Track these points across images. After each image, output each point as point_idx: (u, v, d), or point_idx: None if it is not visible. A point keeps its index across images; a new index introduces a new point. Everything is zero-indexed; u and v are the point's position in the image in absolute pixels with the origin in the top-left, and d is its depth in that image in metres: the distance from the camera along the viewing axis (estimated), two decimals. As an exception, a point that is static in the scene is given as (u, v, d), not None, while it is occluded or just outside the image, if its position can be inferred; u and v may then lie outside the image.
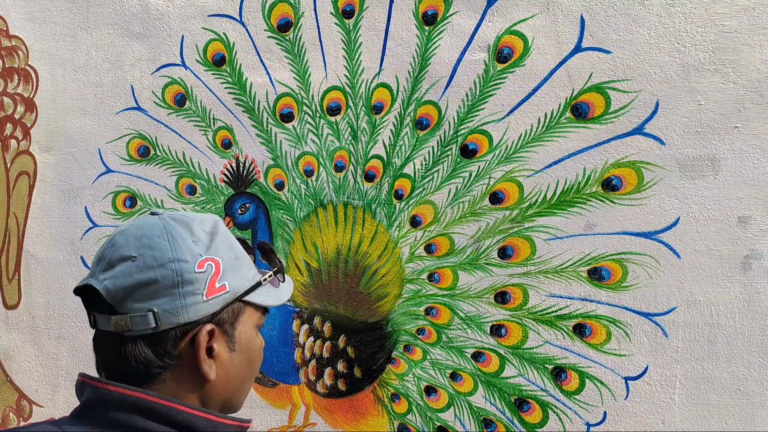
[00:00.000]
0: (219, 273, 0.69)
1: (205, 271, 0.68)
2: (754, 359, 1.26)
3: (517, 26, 1.37)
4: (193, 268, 0.67)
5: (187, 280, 0.67)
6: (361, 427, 1.57)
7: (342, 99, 1.52)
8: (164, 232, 0.69)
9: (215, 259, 0.69)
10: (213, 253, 0.70)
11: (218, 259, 0.70)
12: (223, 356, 0.72)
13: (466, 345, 1.46)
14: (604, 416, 1.36)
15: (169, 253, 0.67)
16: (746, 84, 1.23)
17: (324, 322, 1.58)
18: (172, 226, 0.69)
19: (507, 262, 1.41)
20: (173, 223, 0.70)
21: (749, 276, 1.25)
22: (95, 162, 1.76)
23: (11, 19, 1.84)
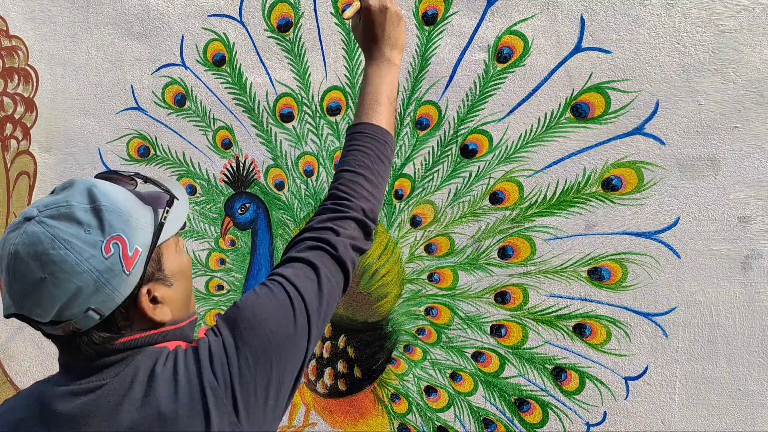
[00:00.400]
0: (125, 244, 0.71)
1: (112, 252, 0.70)
2: (754, 359, 1.26)
3: (517, 26, 1.37)
4: (102, 257, 0.69)
5: (103, 270, 0.69)
6: (361, 427, 1.57)
7: (342, 99, 1.52)
8: (53, 240, 0.68)
9: (114, 235, 0.70)
10: (108, 231, 0.70)
11: (116, 233, 0.71)
12: (166, 295, 0.77)
13: (466, 345, 1.46)
14: (604, 416, 1.36)
15: (73, 260, 0.68)
16: (746, 84, 1.23)
17: (324, 322, 1.58)
18: (56, 228, 0.69)
19: (507, 262, 1.41)
20: (55, 223, 0.69)
21: (749, 276, 1.25)
22: (95, 162, 1.76)
23: (11, 19, 1.84)
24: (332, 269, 0.85)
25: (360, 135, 0.97)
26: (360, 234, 0.91)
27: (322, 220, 0.90)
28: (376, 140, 0.97)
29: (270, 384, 0.76)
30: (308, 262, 0.84)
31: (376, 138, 0.97)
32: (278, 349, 0.77)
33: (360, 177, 0.94)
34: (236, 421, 0.72)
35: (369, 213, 0.93)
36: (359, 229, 0.91)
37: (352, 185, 0.93)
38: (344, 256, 0.86)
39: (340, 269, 0.86)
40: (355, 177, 0.94)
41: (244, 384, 0.74)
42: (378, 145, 0.97)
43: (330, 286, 0.84)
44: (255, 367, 0.75)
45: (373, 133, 0.97)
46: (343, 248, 0.86)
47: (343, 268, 0.87)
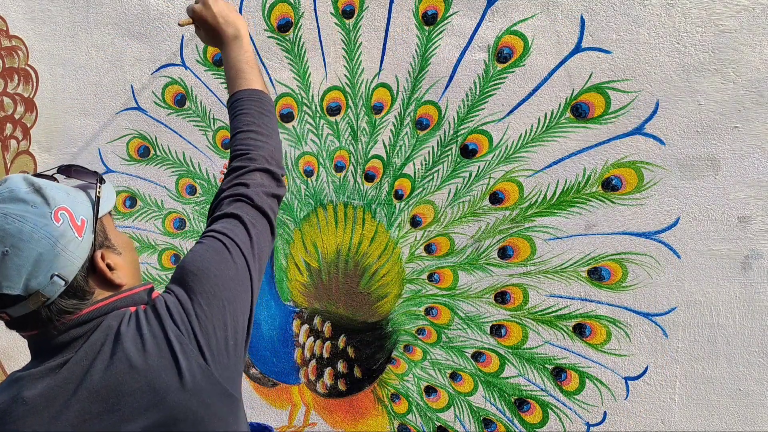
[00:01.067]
0: (71, 213, 0.78)
1: (62, 220, 0.77)
2: (754, 359, 1.26)
3: (517, 26, 1.37)
4: (54, 225, 0.76)
5: (58, 235, 0.75)
6: (361, 427, 1.57)
7: (342, 99, 1.52)
8: (5, 217, 0.75)
9: (60, 207, 0.77)
10: (53, 203, 0.77)
11: (60, 204, 0.78)
12: (118, 262, 0.85)
13: (466, 345, 1.46)
14: (604, 416, 1.36)
15: (28, 228, 0.74)
16: (746, 84, 1.23)
17: (324, 322, 1.58)
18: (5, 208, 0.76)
19: (507, 262, 1.41)
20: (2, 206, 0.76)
21: (749, 276, 1.25)
22: (95, 162, 1.76)
23: (11, 19, 1.84)
24: (254, 215, 0.93)
25: (237, 102, 1.07)
26: (269, 181, 0.99)
27: (230, 180, 0.98)
28: (251, 100, 1.07)
29: (227, 324, 0.82)
30: (230, 214, 0.92)
31: (251, 98, 1.07)
32: (226, 289, 0.83)
33: (250, 132, 1.03)
34: (204, 363, 0.78)
35: (270, 159, 1.01)
36: (266, 175, 0.99)
37: (245, 141, 1.02)
38: (260, 203, 0.94)
39: (261, 215, 0.94)
40: (245, 134, 1.03)
41: (203, 328, 0.80)
42: (255, 103, 1.06)
43: (256, 231, 0.92)
44: (210, 310, 0.81)
45: (247, 95, 1.07)
46: (257, 196, 0.95)
47: (264, 213, 0.94)
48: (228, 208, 0.93)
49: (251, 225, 0.91)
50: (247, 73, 1.10)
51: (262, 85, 1.11)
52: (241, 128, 1.04)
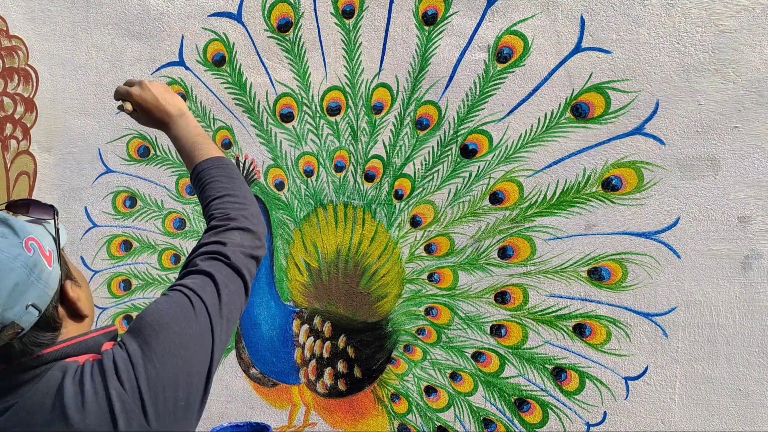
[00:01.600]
0: (40, 244, 0.78)
1: (33, 250, 0.77)
2: (754, 359, 1.26)
3: (517, 26, 1.37)
4: (26, 255, 0.75)
5: (31, 265, 0.75)
6: (361, 427, 1.57)
7: (342, 99, 1.52)
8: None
9: (29, 237, 0.77)
10: (22, 234, 0.77)
11: (30, 235, 0.78)
12: (80, 294, 0.84)
13: (466, 345, 1.46)
14: (604, 416, 1.36)
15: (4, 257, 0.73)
16: (746, 84, 1.23)
17: (324, 322, 1.58)
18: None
19: (507, 262, 1.41)
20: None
21: (749, 276, 1.25)
22: (95, 162, 1.76)
23: (11, 19, 1.84)
24: (228, 275, 0.89)
25: (201, 172, 1.06)
26: (250, 241, 0.97)
27: (209, 236, 0.95)
28: (215, 168, 1.06)
29: (178, 384, 0.78)
30: (203, 271, 0.88)
31: (216, 166, 1.06)
32: (183, 348, 0.80)
33: (226, 197, 1.01)
34: (145, 423, 0.75)
35: (249, 217, 0.99)
36: (245, 235, 0.97)
37: (221, 206, 1.00)
38: (237, 262, 0.91)
39: (236, 275, 0.91)
40: (220, 201, 1.01)
41: (151, 386, 0.76)
42: (220, 170, 1.05)
43: (228, 291, 0.88)
44: (162, 368, 0.77)
45: (210, 164, 1.06)
46: (234, 255, 0.92)
47: (239, 273, 0.91)
48: (202, 265, 0.90)
49: (223, 285, 0.88)
50: (203, 144, 1.09)
51: (216, 150, 1.10)
52: (214, 195, 1.02)
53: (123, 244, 1.76)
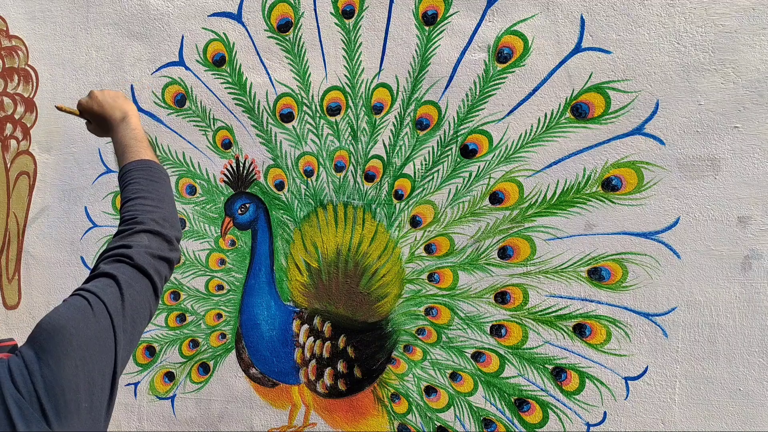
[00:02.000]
0: None
1: None
2: (754, 359, 1.26)
3: (517, 26, 1.37)
4: None
5: None
6: (361, 427, 1.57)
7: (342, 99, 1.52)
8: None
9: None
10: None
11: None
12: None
13: (466, 345, 1.46)
14: (604, 416, 1.36)
15: None
16: (746, 84, 1.23)
17: (324, 322, 1.58)
18: None
19: (507, 262, 1.41)
20: None
21: (749, 276, 1.25)
22: (95, 162, 1.76)
23: (11, 19, 1.84)
24: (132, 275, 0.87)
25: (124, 174, 1.05)
26: (158, 243, 0.94)
27: (113, 242, 0.93)
28: (139, 169, 1.04)
29: (79, 386, 0.77)
30: (105, 273, 0.87)
31: (139, 168, 1.04)
32: (81, 350, 0.78)
33: (138, 199, 0.99)
34: (46, 427, 0.73)
35: (160, 221, 0.96)
36: (155, 237, 0.94)
37: (132, 208, 0.98)
38: (142, 262, 0.89)
39: (141, 275, 0.89)
40: (132, 203, 0.99)
41: (49, 389, 0.74)
42: (144, 171, 1.04)
43: (133, 291, 0.86)
44: (58, 370, 0.75)
45: (135, 165, 1.05)
46: (139, 256, 0.89)
47: (145, 273, 0.89)
48: (104, 267, 0.88)
49: (126, 285, 0.86)
50: (135, 147, 1.09)
51: (151, 156, 1.09)
52: (129, 197, 1.00)
53: (123, 244, 1.75)
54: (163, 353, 1.73)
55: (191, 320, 1.70)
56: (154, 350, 1.74)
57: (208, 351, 1.69)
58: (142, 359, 1.75)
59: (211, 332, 1.68)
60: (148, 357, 1.75)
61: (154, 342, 1.74)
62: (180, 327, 1.71)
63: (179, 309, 1.71)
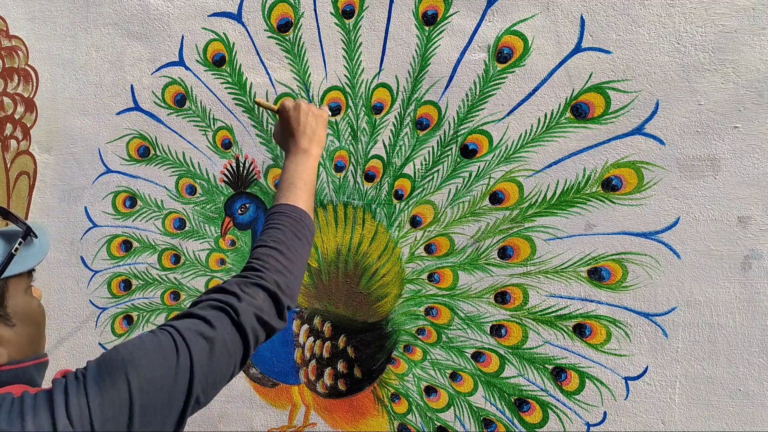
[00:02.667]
0: None
1: None
2: (754, 359, 1.26)
3: (517, 26, 1.37)
4: None
5: None
6: (361, 427, 1.57)
7: (342, 99, 1.52)
8: None
9: None
10: None
11: None
12: (5, 335, 0.72)
13: (466, 345, 1.46)
14: (604, 416, 1.36)
15: None
16: (746, 84, 1.23)
17: (324, 322, 1.58)
18: None
19: (507, 262, 1.41)
20: None
21: (749, 276, 1.25)
22: (95, 162, 1.76)
23: (11, 19, 1.84)
24: (230, 334, 0.79)
25: (275, 214, 0.98)
26: (270, 307, 0.86)
27: (230, 283, 0.86)
28: (290, 218, 0.97)
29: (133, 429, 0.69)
30: (205, 319, 0.79)
31: (291, 216, 0.98)
32: (149, 398, 0.69)
33: (274, 251, 0.92)
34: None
35: (283, 287, 0.89)
36: (270, 301, 0.87)
37: (265, 258, 0.90)
38: (245, 323, 0.81)
39: (239, 336, 0.81)
40: (269, 251, 0.91)
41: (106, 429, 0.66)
42: (293, 223, 0.97)
43: (224, 350, 0.78)
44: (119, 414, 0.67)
45: (289, 211, 0.98)
46: (246, 315, 0.81)
47: (243, 335, 0.81)
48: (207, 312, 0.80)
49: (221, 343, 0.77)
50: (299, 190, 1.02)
51: (310, 206, 1.02)
52: (266, 242, 0.93)
53: (123, 244, 1.76)
54: (163, 353, 1.73)
55: (191, 320, 1.70)
56: (154, 350, 1.74)
57: (208, 351, 1.68)
58: (142, 359, 1.75)
59: (211, 332, 1.68)
60: (148, 357, 1.75)
61: (154, 342, 1.73)
62: (180, 327, 1.71)
63: (179, 309, 1.71)
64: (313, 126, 1.10)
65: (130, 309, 1.76)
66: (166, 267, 1.72)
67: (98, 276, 1.78)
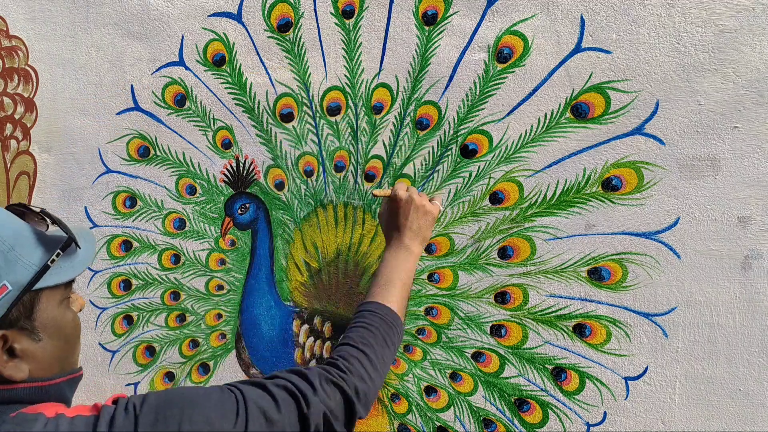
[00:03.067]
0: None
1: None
2: (754, 359, 1.26)
3: (517, 26, 1.37)
4: None
5: None
6: (361, 427, 1.57)
7: (342, 99, 1.52)
8: None
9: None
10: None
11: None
12: (29, 350, 0.68)
13: (466, 345, 1.46)
14: (604, 416, 1.36)
15: None
16: (746, 84, 1.23)
17: (324, 322, 1.58)
18: None
19: (507, 262, 1.41)
20: None
21: (749, 276, 1.25)
22: (95, 162, 1.76)
23: (11, 19, 1.84)
24: (292, 424, 0.77)
25: (369, 313, 0.95)
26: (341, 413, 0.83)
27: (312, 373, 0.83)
28: (384, 322, 0.95)
29: None
30: (275, 399, 0.76)
31: (385, 320, 0.95)
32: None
33: (362, 354, 0.89)
34: None
35: (361, 395, 0.86)
36: (343, 406, 0.83)
37: (351, 360, 0.88)
38: (311, 418, 0.78)
39: (299, 428, 0.78)
40: (356, 353, 0.89)
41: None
42: (386, 327, 0.94)
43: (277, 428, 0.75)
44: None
45: (383, 314, 0.96)
46: (315, 411, 0.78)
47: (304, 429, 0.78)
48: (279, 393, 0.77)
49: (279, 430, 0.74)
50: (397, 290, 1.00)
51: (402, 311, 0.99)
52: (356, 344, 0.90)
53: (123, 244, 1.76)
54: (163, 353, 1.73)
55: (191, 320, 1.70)
56: (154, 350, 1.74)
57: (208, 351, 1.69)
58: (142, 359, 1.75)
59: (211, 332, 1.68)
60: (148, 357, 1.75)
61: (154, 342, 1.74)
62: (180, 327, 1.71)
63: (179, 309, 1.71)
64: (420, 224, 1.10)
65: (130, 309, 1.76)
66: (166, 267, 1.72)
67: (98, 276, 1.78)
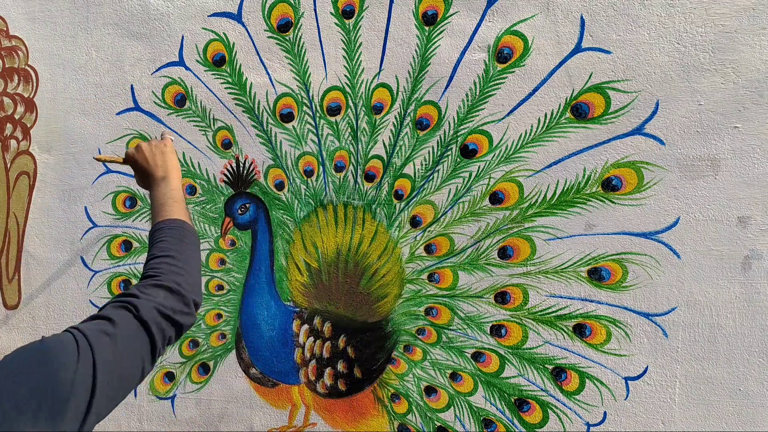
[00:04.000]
0: None
1: None
2: (754, 359, 1.26)
3: (517, 26, 1.37)
4: None
5: None
6: (361, 427, 1.57)
7: (342, 99, 1.52)
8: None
9: None
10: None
11: None
12: None
13: (466, 345, 1.46)
14: (604, 416, 1.36)
15: None
16: (746, 84, 1.23)
17: (324, 322, 1.58)
18: None
19: (507, 262, 1.41)
20: None
21: (749, 276, 1.25)
22: (95, 162, 1.76)
23: (11, 19, 1.84)
24: (132, 328, 0.81)
25: (156, 232, 1.02)
26: (173, 303, 0.88)
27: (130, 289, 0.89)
28: (170, 228, 1.02)
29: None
30: (105, 317, 0.80)
31: (170, 226, 1.02)
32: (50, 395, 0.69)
33: (163, 258, 0.95)
34: None
35: (184, 284, 0.92)
36: (172, 296, 0.89)
37: (156, 265, 0.94)
38: (146, 317, 0.83)
39: (143, 330, 0.82)
40: (158, 260, 0.95)
41: None
42: (174, 231, 1.01)
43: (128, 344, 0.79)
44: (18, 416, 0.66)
45: (167, 224, 1.03)
46: (146, 310, 0.84)
47: (147, 329, 0.83)
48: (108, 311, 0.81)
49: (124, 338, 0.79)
50: (170, 206, 1.07)
51: (185, 216, 1.06)
52: (155, 254, 0.96)
53: (123, 244, 1.76)
54: (163, 353, 1.73)
55: (191, 320, 1.70)
56: (154, 350, 1.74)
57: (208, 351, 1.69)
58: (142, 359, 1.75)
59: (211, 332, 1.68)
60: (148, 357, 1.75)
61: (154, 342, 1.74)
62: (180, 327, 1.71)
63: (179, 309, 1.71)
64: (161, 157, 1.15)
65: (130, 309, 1.76)
66: (166, 267, 1.72)
67: (98, 276, 1.78)
